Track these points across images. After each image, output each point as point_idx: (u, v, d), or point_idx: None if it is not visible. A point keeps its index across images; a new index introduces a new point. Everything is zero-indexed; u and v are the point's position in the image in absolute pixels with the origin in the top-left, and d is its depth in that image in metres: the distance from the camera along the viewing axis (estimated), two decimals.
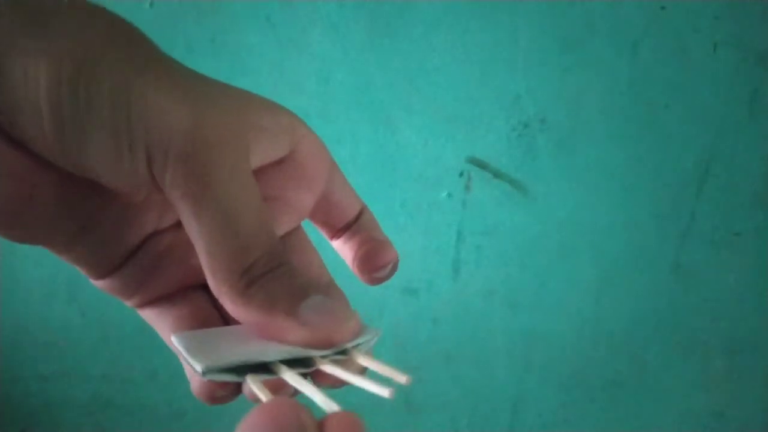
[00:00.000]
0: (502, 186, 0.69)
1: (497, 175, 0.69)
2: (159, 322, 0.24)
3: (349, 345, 0.20)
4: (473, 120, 0.68)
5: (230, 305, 0.19)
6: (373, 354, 0.21)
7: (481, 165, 0.69)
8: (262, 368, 0.19)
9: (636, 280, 0.72)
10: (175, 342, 0.20)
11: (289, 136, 0.23)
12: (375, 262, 0.26)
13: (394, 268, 0.27)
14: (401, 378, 0.18)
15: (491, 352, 0.74)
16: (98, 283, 0.23)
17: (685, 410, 0.76)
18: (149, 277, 0.23)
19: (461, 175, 0.69)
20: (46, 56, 0.17)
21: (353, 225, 0.26)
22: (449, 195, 0.70)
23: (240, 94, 0.22)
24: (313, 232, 0.27)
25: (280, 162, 0.23)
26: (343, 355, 0.20)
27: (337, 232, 0.27)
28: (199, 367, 0.18)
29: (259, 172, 0.22)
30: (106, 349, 0.78)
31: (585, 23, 0.66)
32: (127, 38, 0.19)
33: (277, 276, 0.19)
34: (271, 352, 0.19)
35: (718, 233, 0.71)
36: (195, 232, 0.19)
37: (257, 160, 0.22)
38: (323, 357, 0.19)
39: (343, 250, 0.27)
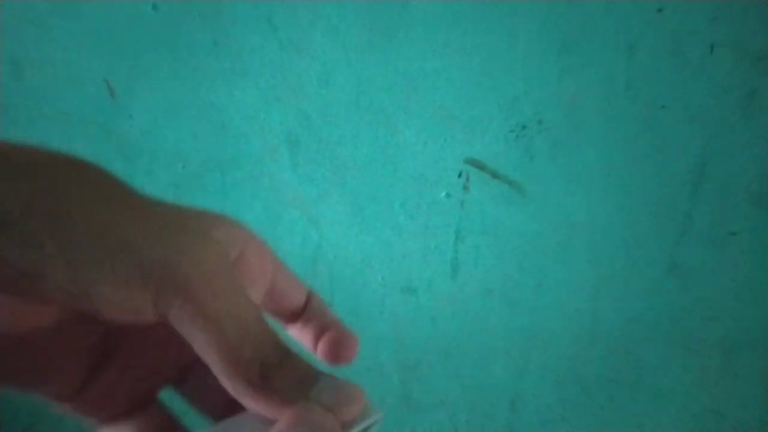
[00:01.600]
0: (500, 186, 0.70)
1: (495, 175, 0.70)
2: None
3: (356, 429, 0.21)
4: (472, 121, 0.68)
5: (252, 403, 0.21)
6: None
7: (480, 166, 0.69)
8: None
9: (633, 280, 0.72)
10: None
11: (239, 242, 0.25)
12: (342, 353, 0.28)
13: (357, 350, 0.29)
14: None
15: (490, 351, 0.74)
16: (59, 408, 0.25)
17: (682, 408, 0.76)
18: (104, 399, 0.25)
19: (460, 175, 0.70)
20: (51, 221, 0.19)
21: (304, 312, 0.28)
22: (448, 195, 0.70)
23: (198, 218, 0.25)
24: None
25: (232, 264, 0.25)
26: None
27: (290, 319, 0.29)
28: None
29: None
30: None
31: (582, 25, 0.66)
32: (105, 186, 0.21)
33: (286, 367, 0.21)
34: None
35: (715, 233, 0.71)
36: (207, 347, 0.21)
37: None
38: None
39: (301, 336, 0.29)
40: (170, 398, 0.30)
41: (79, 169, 0.21)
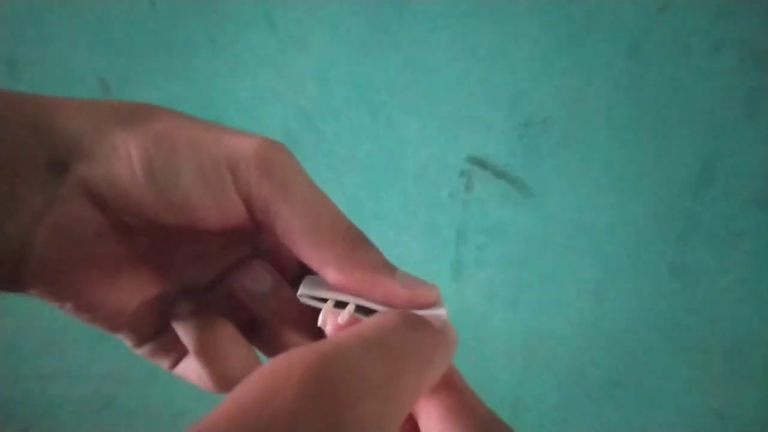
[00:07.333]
0: (502, 186, 0.70)
1: (498, 174, 0.69)
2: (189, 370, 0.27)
3: (433, 313, 0.23)
4: (474, 119, 0.68)
5: (337, 272, 0.22)
6: None
7: (482, 165, 0.69)
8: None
9: (636, 281, 0.72)
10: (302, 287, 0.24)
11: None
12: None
13: None
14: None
15: (491, 352, 0.74)
16: (138, 351, 0.27)
17: (684, 410, 0.76)
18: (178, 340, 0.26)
19: (462, 174, 0.70)
20: (134, 137, 0.21)
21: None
22: (450, 195, 0.70)
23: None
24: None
25: None
26: None
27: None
28: (299, 291, 0.22)
29: None
30: (106, 349, 0.78)
31: (586, 23, 0.66)
32: (171, 112, 0.24)
33: (367, 248, 0.22)
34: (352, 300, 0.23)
35: (718, 233, 0.71)
36: (292, 217, 0.21)
37: None
38: None
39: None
40: None
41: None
